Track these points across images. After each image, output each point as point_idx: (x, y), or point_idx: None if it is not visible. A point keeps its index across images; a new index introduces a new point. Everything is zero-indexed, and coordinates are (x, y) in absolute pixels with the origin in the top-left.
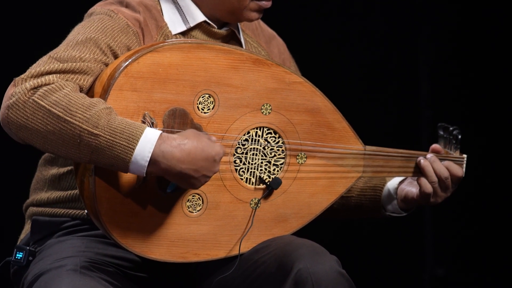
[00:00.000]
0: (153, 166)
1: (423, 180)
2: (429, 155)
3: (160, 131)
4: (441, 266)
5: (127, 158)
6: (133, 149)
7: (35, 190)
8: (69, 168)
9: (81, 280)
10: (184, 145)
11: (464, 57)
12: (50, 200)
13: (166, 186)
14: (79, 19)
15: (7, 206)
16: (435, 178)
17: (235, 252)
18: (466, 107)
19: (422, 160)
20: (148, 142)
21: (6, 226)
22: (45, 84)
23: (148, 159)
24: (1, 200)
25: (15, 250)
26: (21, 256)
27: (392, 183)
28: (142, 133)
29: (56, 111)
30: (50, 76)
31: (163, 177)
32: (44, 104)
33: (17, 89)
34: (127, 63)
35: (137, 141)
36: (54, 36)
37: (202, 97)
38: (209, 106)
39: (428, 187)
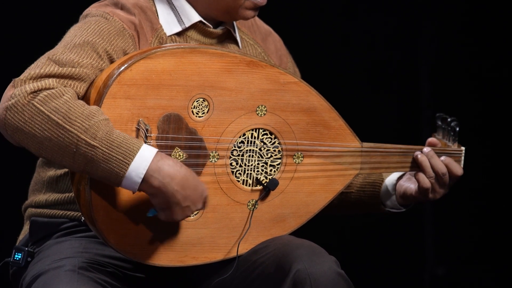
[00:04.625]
0: (146, 183)
1: (421, 175)
2: (426, 149)
3: (157, 150)
4: (441, 265)
5: (121, 172)
6: (128, 164)
7: (34, 191)
8: (67, 170)
9: (79, 280)
10: (180, 167)
11: (465, 56)
12: (48, 201)
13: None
14: (74, 19)
15: (6, 207)
16: (432, 173)
17: (233, 254)
18: (467, 107)
19: (419, 155)
20: (144, 159)
21: (5, 227)
22: (45, 89)
23: (142, 175)
24: (0, 201)
25: (13, 251)
26: (19, 257)
27: (390, 178)
28: (139, 149)
29: (55, 118)
30: (50, 80)
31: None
32: (44, 110)
33: (17, 91)
34: (120, 70)
35: (133, 156)
36: (50, 36)
37: (197, 101)
38: (203, 110)
39: (426, 182)
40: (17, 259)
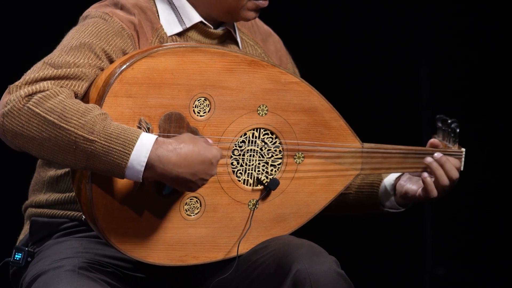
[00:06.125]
0: (149, 171)
1: (429, 182)
2: (437, 155)
3: (156, 136)
4: (441, 266)
5: (123, 163)
6: (129, 154)
7: (34, 191)
8: (67, 170)
9: (79, 280)
10: (181, 149)
11: (465, 57)
12: (49, 201)
13: (163, 189)
14: (74, 22)
15: (6, 207)
16: (447, 181)
17: (233, 253)
18: (466, 107)
19: (432, 162)
20: (143, 147)
21: (5, 227)
22: (40, 91)
23: (144, 163)
24: (0, 201)
25: (14, 251)
26: (20, 257)
27: (389, 179)
28: (137, 138)
29: (51, 118)
30: (45, 82)
31: (160, 181)
32: (39, 111)
33: (12, 96)
34: (121, 69)
35: (133, 146)
36: (49, 41)
37: (198, 100)
38: (205, 109)
39: (433, 191)
40: (17, 259)
